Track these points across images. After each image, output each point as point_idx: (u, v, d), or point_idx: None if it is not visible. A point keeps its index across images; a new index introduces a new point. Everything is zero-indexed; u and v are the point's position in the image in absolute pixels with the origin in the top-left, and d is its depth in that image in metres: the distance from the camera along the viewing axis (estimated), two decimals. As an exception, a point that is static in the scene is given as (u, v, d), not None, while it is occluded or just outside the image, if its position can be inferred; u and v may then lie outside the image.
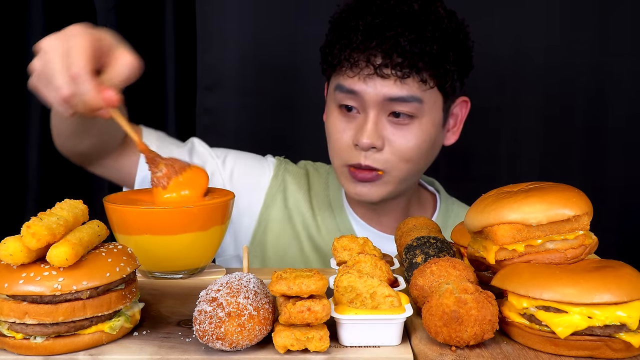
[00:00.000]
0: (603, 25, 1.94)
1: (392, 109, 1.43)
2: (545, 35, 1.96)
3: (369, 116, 1.44)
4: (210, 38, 1.97)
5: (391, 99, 1.42)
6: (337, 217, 1.63)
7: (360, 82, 1.43)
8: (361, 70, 1.42)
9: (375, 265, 0.98)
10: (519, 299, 0.88)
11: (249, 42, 1.98)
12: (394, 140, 1.44)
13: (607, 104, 1.97)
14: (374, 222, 1.62)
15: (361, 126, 1.45)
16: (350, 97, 1.45)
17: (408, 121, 1.44)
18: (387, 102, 1.42)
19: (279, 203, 1.65)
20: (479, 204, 0.98)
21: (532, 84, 1.98)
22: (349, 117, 1.48)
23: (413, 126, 1.45)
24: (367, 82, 1.42)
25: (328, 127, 1.53)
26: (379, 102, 1.43)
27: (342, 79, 1.46)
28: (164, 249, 1.11)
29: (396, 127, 1.45)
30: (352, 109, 1.47)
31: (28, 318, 0.85)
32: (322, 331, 0.84)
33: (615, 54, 1.95)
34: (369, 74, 1.41)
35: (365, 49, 1.41)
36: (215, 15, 1.97)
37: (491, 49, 1.97)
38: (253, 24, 1.98)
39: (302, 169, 1.72)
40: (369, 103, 1.43)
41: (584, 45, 1.95)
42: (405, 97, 1.41)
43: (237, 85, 2.02)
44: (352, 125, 1.47)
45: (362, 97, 1.43)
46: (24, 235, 0.84)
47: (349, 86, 1.44)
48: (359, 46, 1.42)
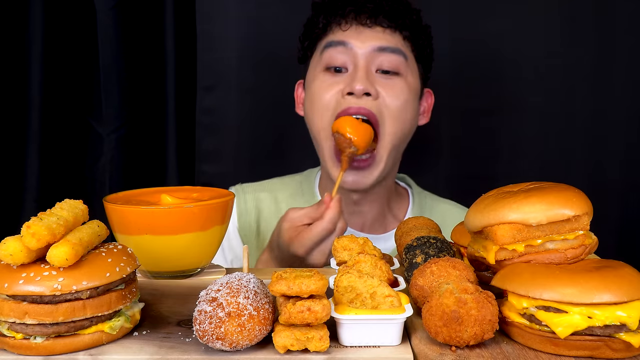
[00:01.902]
0: (603, 25, 1.94)
1: (380, 62, 1.52)
2: (546, 36, 1.96)
3: (359, 67, 1.51)
4: (210, 38, 1.97)
5: (380, 48, 1.51)
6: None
7: (350, 36, 1.52)
8: (351, 23, 1.53)
9: (375, 265, 0.98)
10: (519, 299, 0.88)
11: (249, 41, 1.98)
12: (385, 92, 1.51)
13: (607, 104, 1.97)
14: (352, 222, 1.65)
15: (352, 77, 1.51)
16: (341, 51, 1.53)
17: (395, 77, 1.52)
18: (376, 53, 1.51)
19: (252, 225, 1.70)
20: (479, 204, 0.98)
21: (533, 84, 1.98)
22: (337, 77, 1.54)
23: (400, 81, 1.53)
24: (357, 33, 1.52)
25: (314, 91, 1.56)
26: (368, 53, 1.51)
27: (331, 36, 1.55)
28: (164, 249, 1.11)
29: (386, 81, 1.52)
30: (340, 70, 1.53)
31: (28, 318, 0.85)
32: (322, 331, 0.84)
33: (615, 54, 1.95)
34: (358, 26, 1.53)
35: (354, 5, 1.53)
36: (215, 15, 1.97)
37: (492, 49, 1.97)
38: (253, 23, 1.98)
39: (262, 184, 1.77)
40: (358, 54, 1.51)
41: (584, 46, 1.95)
42: (392, 48, 1.52)
43: (237, 84, 2.01)
44: (340, 80, 1.53)
45: (352, 48, 1.52)
46: (24, 235, 0.84)
47: (339, 38, 1.53)
48: (347, 5, 1.53)
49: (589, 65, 1.96)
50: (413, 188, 1.75)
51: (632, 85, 1.96)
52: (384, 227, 1.67)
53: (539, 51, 1.96)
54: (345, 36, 1.53)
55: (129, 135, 1.94)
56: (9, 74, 1.86)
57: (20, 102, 1.88)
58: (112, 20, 1.87)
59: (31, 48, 1.87)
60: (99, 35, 1.88)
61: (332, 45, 1.54)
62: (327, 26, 1.56)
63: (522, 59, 1.97)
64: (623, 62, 1.95)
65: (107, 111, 1.92)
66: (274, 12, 1.98)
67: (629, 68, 1.96)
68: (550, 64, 1.96)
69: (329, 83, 1.53)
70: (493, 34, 1.96)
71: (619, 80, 1.96)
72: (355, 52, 1.51)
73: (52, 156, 1.92)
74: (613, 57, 1.95)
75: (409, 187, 1.77)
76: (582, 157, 1.99)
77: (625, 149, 1.99)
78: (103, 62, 1.89)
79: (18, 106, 1.88)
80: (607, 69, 1.96)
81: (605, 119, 1.98)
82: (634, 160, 1.98)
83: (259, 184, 1.76)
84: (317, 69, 1.57)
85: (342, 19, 1.54)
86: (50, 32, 1.87)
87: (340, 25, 1.54)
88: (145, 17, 1.93)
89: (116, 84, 1.90)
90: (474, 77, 1.99)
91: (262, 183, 1.76)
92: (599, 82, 1.97)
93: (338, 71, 1.53)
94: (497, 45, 1.97)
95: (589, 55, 1.95)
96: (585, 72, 1.96)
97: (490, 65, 1.98)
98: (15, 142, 1.88)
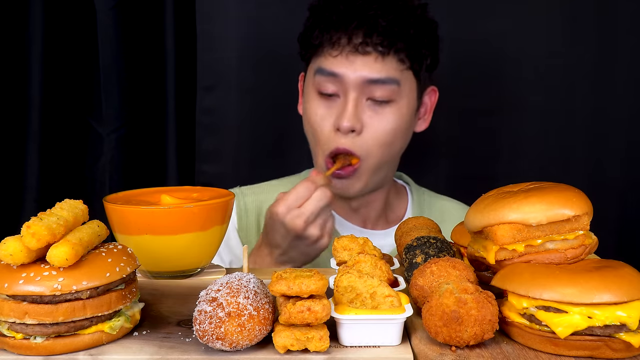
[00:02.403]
0: (604, 25, 1.94)
1: (371, 92, 1.49)
2: (546, 35, 1.96)
3: (349, 99, 1.49)
4: (210, 38, 1.97)
5: (370, 80, 1.48)
6: None
7: (341, 64, 1.48)
8: (342, 49, 1.48)
9: (375, 265, 0.98)
10: (519, 299, 0.88)
11: (249, 41, 1.98)
12: (371, 124, 1.50)
13: (607, 104, 1.97)
14: (354, 218, 1.66)
15: (341, 110, 1.49)
16: (331, 80, 1.50)
17: (386, 105, 1.50)
18: (367, 85, 1.48)
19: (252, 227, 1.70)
20: (479, 204, 0.98)
21: (533, 83, 1.97)
22: (329, 102, 1.52)
23: (391, 110, 1.50)
24: (348, 62, 1.48)
25: (308, 115, 1.56)
26: (359, 85, 1.48)
27: (323, 61, 1.51)
28: (164, 249, 1.11)
29: (375, 111, 1.50)
30: (332, 95, 1.52)
31: (28, 318, 0.85)
32: (322, 331, 0.84)
33: (615, 54, 1.95)
34: (350, 52, 1.47)
35: (347, 28, 1.48)
36: (215, 15, 1.97)
37: (492, 48, 1.97)
38: (253, 23, 1.97)
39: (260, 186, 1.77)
40: (349, 86, 1.48)
41: (584, 46, 1.95)
42: (383, 79, 1.48)
43: (237, 84, 2.01)
44: (332, 110, 1.52)
45: (343, 79, 1.48)
46: (24, 235, 0.84)
47: (330, 68, 1.50)
48: (341, 26, 1.48)
49: (589, 64, 1.96)
50: (411, 185, 1.77)
51: (633, 85, 1.95)
52: (384, 224, 1.70)
53: (540, 50, 1.96)
54: (336, 65, 1.49)
55: (129, 135, 1.94)
56: (9, 73, 1.86)
57: (20, 101, 1.88)
58: (112, 20, 1.87)
59: (31, 48, 1.87)
60: (99, 35, 1.88)
61: (323, 74, 1.51)
62: (320, 46, 1.53)
63: (522, 58, 1.97)
64: (624, 61, 1.95)
65: (107, 111, 1.92)
66: (274, 12, 1.98)
67: (630, 68, 1.95)
68: (551, 63, 1.96)
69: (323, 112, 1.53)
70: (493, 33, 1.96)
71: (620, 80, 1.96)
72: (346, 82, 1.49)
73: (52, 156, 1.91)
74: (614, 56, 1.95)
75: (407, 184, 1.78)
76: (582, 157, 1.99)
77: (626, 148, 1.98)
78: (103, 62, 1.89)
79: (18, 106, 1.88)
80: (608, 69, 1.96)
81: (605, 118, 1.97)
82: (635, 160, 1.98)
83: (258, 186, 1.76)
84: (311, 89, 1.56)
85: (336, 42, 1.50)
86: (50, 32, 1.87)
87: (333, 47, 1.49)
88: (145, 17, 1.93)
89: (116, 84, 1.90)
90: (474, 76, 1.99)
91: (260, 185, 1.77)
92: (599, 81, 1.96)
93: (331, 95, 1.52)
94: (498, 45, 1.97)
95: (589, 54, 1.95)
96: (586, 72, 1.96)
97: (491, 64, 1.98)
98: (15, 142, 1.88)
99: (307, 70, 1.62)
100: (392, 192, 1.70)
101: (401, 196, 1.74)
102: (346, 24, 1.48)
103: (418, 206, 1.70)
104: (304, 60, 1.64)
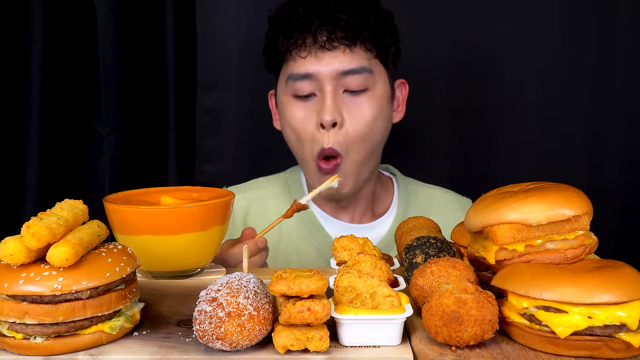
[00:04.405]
0: (603, 26, 1.94)
1: (346, 84, 1.50)
2: (546, 36, 1.96)
3: (326, 94, 1.50)
4: (210, 37, 1.97)
5: (343, 72, 1.49)
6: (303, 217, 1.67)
7: (312, 63, 1.50)
8: (310, 49, 1.50)
9: (375, 265, 0.98)
10: (519, 299, 0.88)
11: (249, 41, 1.98)
12: (351, 116, 1.51)
13: (606, 104, 1.97)
14: (342, 215, 1.67)
15: (321, 106, 1.50)
16: (305, 82, 1.51)
17: (362, 94, 1.51)
18: (340, 77, 1.50)
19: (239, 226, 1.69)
20: (479, 204, 0.98)
21: (532, 84, 1.98)
22: (307, 103, 1.54)
23: (367, 97, 1.52)
24: (318, 60, 1.50)
25: (288, 120, 1.57)
26: (333, 78, 1.50)
27: (293, 65, 1.53)
28: (164, 249, 1.12)
29: (352, 101, 1.51)
30: (308, 96, 1.53)
31: (28, 318, 0.85)
32: (322, 331, 0.84)
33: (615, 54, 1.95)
34: (319, 50, 1.49)
35: (310, 28, 1.50)
36: (215, 15, 1.97)
37: (492, 49, 1.97)
38: (253, 23, 1.97)
39: (247, 185, 1.77)
40: (323, 81, 1.50)
41: (584, 47, 1.95)
42: (355, 69, 1.50)
43: (237, 84, 2.01)
44: (311, 110, 1.53)
45: (317, 76, 1.50)
46: (24, 235, 0.85)
47: (302, 70, 1.51)
48: (304, 28, 1.50)
49: (589, 65, 1.96)
50: (397, 176, 1.77)
51: (632, 86, 1.96)
52: (371, 217, 1.70)
53: (539, 51, 1.96)
54: (307, 65, 1.50)
55: (129, 135, 1.94)
56: (9, 74, 1.86)
57: (20, 102, 1.88)
58: (112, 20, 1.87)
59: (31, 48, 1.87)
60: (99, 35, 1.88)
61: (297, 79, 1.52)
62: (287, 52, 1.54)
63: (522, 59, 1.97)
64: (623, 62, 1.95)
65: (107, 111, 1.92)
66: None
67: (628, 69, 1.95)
68: (550, 64, 1.96)
69: (302, 114, 1.53)
70: (493, 34, 1.96)
71: (619, 81, 1.96)
72: (320, 79, 1.50)
73: (52, 156, 1.92)
74: (613, 57, 1.95)
75: (393, 175, 1.79)
76: (582, 157, 1.99)
77: (625, 149, 1.99)
78: (103, 62, 1.89)
79: (18, 106, 1.88)
80: (607, 70, 1.96)
81: (605, 119, 1.98)
82: (634, 160, 1.98)
83: (245, 185, 1.77)
84: (285, 94, 1.57)
85: (302, 44, 1.51)
86: (50, 32, 1.87)
87: (300, 49, 1.51)
88: (145, 17, 1.93)
89: (116, 84, 1.90)
90: (473, 76, 1.99)
91: (247, 183, 1.77)
92: (598, 82, 1.96)
93: (307, 96, 1.53)
94: (497, 45, 1.97)
95: (589, 54, 1.95)
96: (585, 72, 1.96)
97: (490, 65, 1.98)
98: (16, 142, 1.88)
99: (277, 83, 1.62)
100: (377, 185, 1.71)
101: (387, 188, 1.75)
102: (309, 25, 1.50)
103: (404, 196, 1.71)
104: (272, 72, 1.64)
